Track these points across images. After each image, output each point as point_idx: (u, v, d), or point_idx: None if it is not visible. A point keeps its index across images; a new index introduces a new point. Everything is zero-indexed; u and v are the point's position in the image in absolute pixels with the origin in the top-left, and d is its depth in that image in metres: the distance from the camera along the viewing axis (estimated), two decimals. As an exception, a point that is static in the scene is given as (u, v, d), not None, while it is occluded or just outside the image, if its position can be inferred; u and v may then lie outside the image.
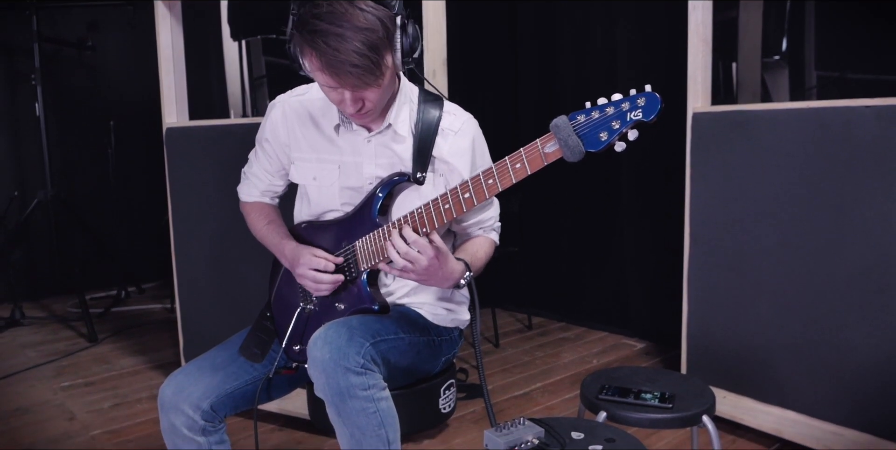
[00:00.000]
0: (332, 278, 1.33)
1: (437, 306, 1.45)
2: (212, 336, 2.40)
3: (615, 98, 1.08)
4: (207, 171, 2.33)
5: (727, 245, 2.11)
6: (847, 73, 2.88)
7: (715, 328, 2.17)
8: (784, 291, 1.98)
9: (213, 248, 2.36)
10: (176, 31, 2.42)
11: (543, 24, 3.35)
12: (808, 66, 2.89)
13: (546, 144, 1.12)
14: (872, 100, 1.78)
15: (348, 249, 1.35)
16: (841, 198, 1.85)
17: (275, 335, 1.46)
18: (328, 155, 1.39)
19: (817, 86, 2.92)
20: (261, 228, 1.50)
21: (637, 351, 2.88)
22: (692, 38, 2.15)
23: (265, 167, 1.49)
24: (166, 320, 3.44)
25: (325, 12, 1.14)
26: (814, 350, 1.92)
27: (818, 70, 2.86)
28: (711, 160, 2.12)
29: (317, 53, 1.15)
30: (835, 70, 2.93)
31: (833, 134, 1.85)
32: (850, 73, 2.86)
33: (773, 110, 2.01)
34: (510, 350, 2.92)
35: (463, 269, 1.30)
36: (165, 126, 2.40)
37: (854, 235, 1.82)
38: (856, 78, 2.85)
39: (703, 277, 2.19)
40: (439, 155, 1.35)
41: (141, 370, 2.78)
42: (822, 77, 2.86)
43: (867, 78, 2.81)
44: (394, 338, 1.30)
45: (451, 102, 1.42)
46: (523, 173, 1.15)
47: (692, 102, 2.17)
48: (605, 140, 1.07)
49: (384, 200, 1.33)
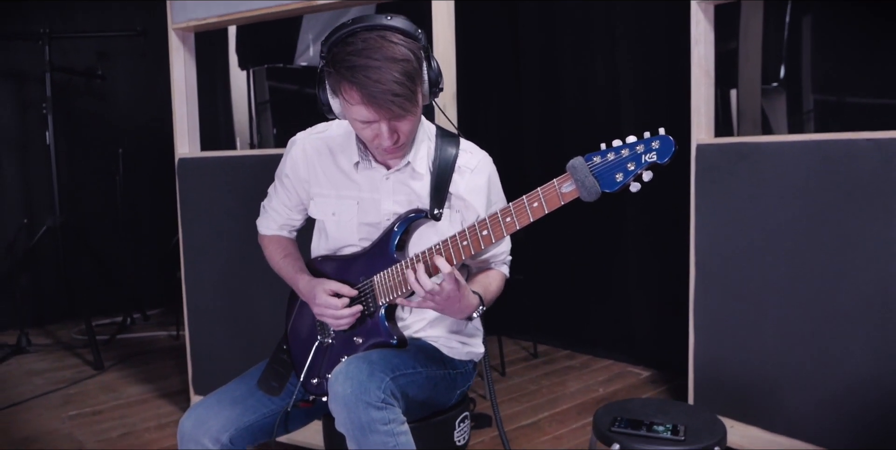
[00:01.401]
0: (351, 312, 1.35)
1: (452, 340, 1.48)
2: (221, 366, 2.42)
3: (630, 140, 1.12)
4: (219, 201, 2.36)
5: (732, 275, 2.14)
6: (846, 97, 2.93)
7: (721, 358, 2.18)
8: (789, 322, 2.00)
9: (224, 277, 2.38)
10: (189, 64, 2.47)
11: (546, 56, 3.41)
12: (806, 90, 2.95)
13: (563, 183, 1.16)
14: (873, 133, 1.83)
15: (366, 283, 1.38)
16: (844, 230, 1.88)
17: (292, 368, 1.48)
18: (347, 191, 1.42)
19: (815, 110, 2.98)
20: (278, 262, 1.53)
21: (643, 379, 2.89)
22: (695, 71, 2.21)
23: (284, 202, 1.53)
24: (172, 348, 3.44)
25: (360, 48, 1.19)
26: (819, 380, 1.94)
27: (816, 94, 2.92)
28: (715, 191, 2.16)
29: (357, 87, 1.19)
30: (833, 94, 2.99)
31: (835, 166, 1.89)
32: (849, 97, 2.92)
33: (775, 142, 2.05)
34: (517, 379, 2.93)
35: (477, 303, 1.34)
36: (178, 157, 2.44)
37: (857, 266, 1.85)
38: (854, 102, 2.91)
39: (708, 307, 2.21)
40: (456, 192, 1.39)
41: (148, 399, 2.78)
42: (820, 101, 2.92)
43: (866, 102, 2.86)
44: (412, 372, 1.32)
45: (467, 140, 1.46)
46: (540, 212, 1.18)
47: (696, 134, 2.21)
48: (621, 181, 1.11)
49: (401, 235, 1.37)
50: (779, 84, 3.03)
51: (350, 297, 1.37)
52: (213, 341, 2.44)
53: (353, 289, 1.38)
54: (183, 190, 2.44)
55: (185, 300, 2.48)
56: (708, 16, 2.17)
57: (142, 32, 3.36)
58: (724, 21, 2.28)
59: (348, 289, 1.37)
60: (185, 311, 2.48)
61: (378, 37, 1.19)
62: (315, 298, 1.38)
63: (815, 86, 2.91)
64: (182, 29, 2.40)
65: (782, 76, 3.01)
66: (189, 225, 2.45)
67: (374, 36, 1.19)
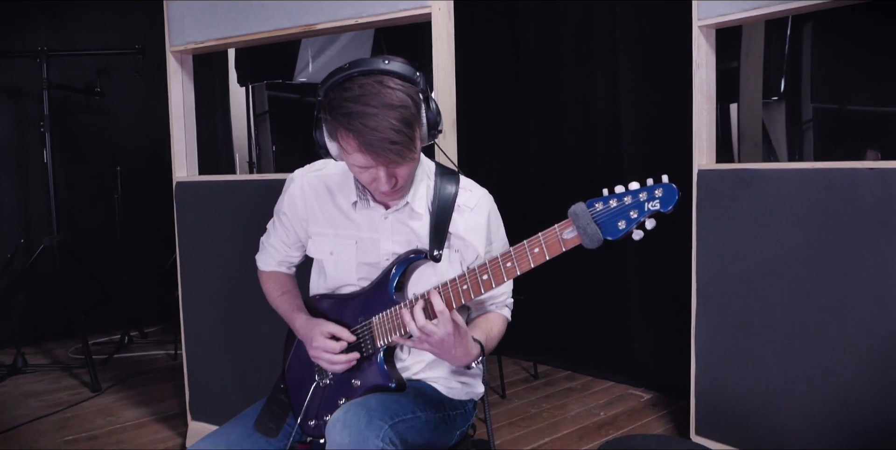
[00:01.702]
0: (347, 358, 1.33)
1: (452, 380, 1.46)
2: (218, 390, 2.40)
3: (633, 187, 1.10)
4: (217, 225, 2.35)
5: (735, 302, 2.12)
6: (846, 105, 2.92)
7: (723, 385, 2.16)
8: (791, 350, 1.99)
9: (221, 302, 2.36)
10: (187, 87, 2.45)
11: (548, 79, 3.40)
12: (805, 100, 2.94)
13: (564, 230, 1.14)
14: (877, 162, 1.82)
15: (365, 324, 1.36)
16: (847, 258, 1.86)
17: (289, 409, 1.46)
18: (345, 230, 1.41)
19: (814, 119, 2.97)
20: (276, 299, 1.52)
21: (644, 403, 2.87)
22: (696, 96, 2.19)
23: (282, 239, 1.51)
24: (170, 368, 3.42)
25: (356, 95, 1.17)
26: (822, 409, 1.92)
27: (815, 102, 2.91)
28: (717, 217, 2.14)
29: (354, 134, 1.17)
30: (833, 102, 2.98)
31: (838, 194, 1.88)
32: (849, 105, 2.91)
33: (778, 170, 2.04)
34: (517, 401, 2.90)
35: (478, 352, 1.31)
36: (175, 180, 2.42)
37: (860, 296, 1.84)
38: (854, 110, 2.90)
39: (710, 334, 2.19)
40: (455, 231, 1.37)
41: (145, 423, 2.75)
42: (820, 110, 2.90)
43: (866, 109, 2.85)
44: (411, 417, 1.30)
45: (467, 178, 1.44)
46: (542, 258, 1.16)
47: (697, 159, 2.19)
48: (624, 229, 1.09)
49: (400, 276, 1.34)
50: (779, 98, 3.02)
51: (348, 342, 1.35)
52: (210, 365, 2.42)
53: (351, 334, 1.35)
54: (181, 214, 2.43)
55: (182, 325, 2.46)
56: (710, 40, 2.16)
57: (140, 51, 3.34)
58: (724, 42, 2.26)
59: (347, 333, 1.35)
60: (183, 336, 2.46)
61: (375, 82, 1.17)
62: (312, 340, 1.35)
63: (815, 96, 2.90)
64: (180, 51, 2.39)
65: (783, 90, 3.00)
66: (187, 249, 2.43)
67: (371, 81, 1.17)
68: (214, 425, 2.40)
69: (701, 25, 2.12)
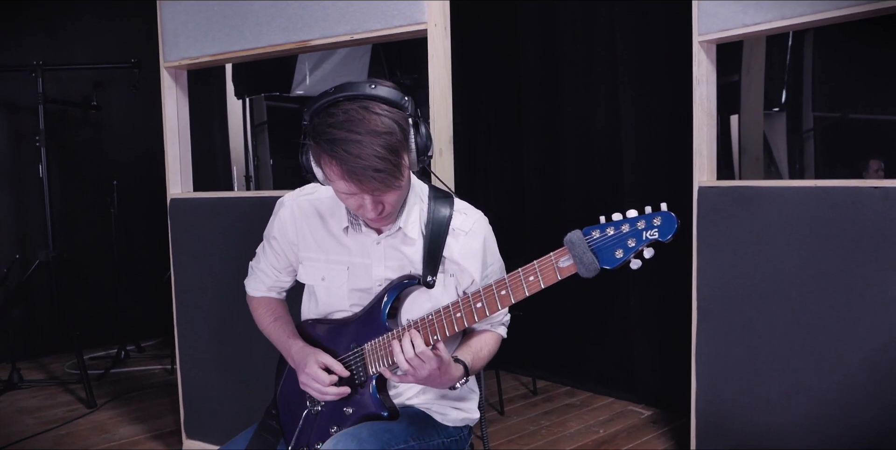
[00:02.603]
0: (337, 391, 1.31)
1: (445, 406, 1.43)
2: (213, 408, 2.37)
3: (630, 215, 1.07)
4: (211, 242, 2.32)
5: (735, 319, 2.09)
6: (848, 114, 2.90)
7: (724, 403, 2.13)
8: (792, 369, 1.96)
9: (216, 320, 2.33)
10: (182, 102, 2.44)
11: (547, 94, 3.38)
12: (806, 109, 2.92)
13: (560, 258, 1.11)
14: (881, 181, 1.79)
15: (357, 352, 1.33)
16: (849, 277, 1.84)
17: (281, 435, 1.43)
18: (337, 256, 1.38)
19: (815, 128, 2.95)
20: (267, 326, 1.49)
21: (644, 419, 2.83)
22: (697, 112, 2.16)
23: (273, 264, 1.48)
24: (166, 383, 3.38)
25: (341, 121, 1.14)
26: (823, 428, 1.89)
27: (817, 112, 2.89)
28: (718, 234, 2.11)
29: (337, 162, 1.14)
30: (835, 111, 2.96)
31: (841, 213, 1.85)
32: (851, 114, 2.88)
33: (779, 187, 2.01)
34: (516, 418, 2.86)
35: (462, 374, 1.29)
36: (170, 197, 2.40)
37: (863, 315, 1.81)
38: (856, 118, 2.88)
39: (711, 351, 2.16)
40: (450, 256, 1.34)
41: (140, 440, 2.72)
42: (822, 119, 2.88)
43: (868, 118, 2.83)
44: (404, 447, 1.27)
45: (461, 200, 1.41)
46: (537, 287, 1.14)
47: (697, 176, 2.16)
48: (621, 258, 1.07)
49: (393, 303, 1.32)
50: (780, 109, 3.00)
51: (340, 376, 1.32)
52: (205, 383, 2.39)
53: (345, 369, 1.32)
54: (175, 231, 2.40)
55: (176, 343, 2.43)
56: (710, 56, 2.13)
57: (136, 64, 3.33)
58: (725, 54, 2.24)
59: (341, 368, 1.32)
60: (178, 353, 2.44)
61: (360, 108, 1.15)
62: (305, 366, 1.33)
63: (817, 105, 2.88)
64: (174, 67, 2.37)
65: (784, 100, 2.98)
66: (181, 266, 2.41)
67: (357, 107, 1.15)
68: (209, 444, 2.37)
69: (702, 41, 2.09)
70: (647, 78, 2.95)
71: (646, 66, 2.95)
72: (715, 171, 2.20)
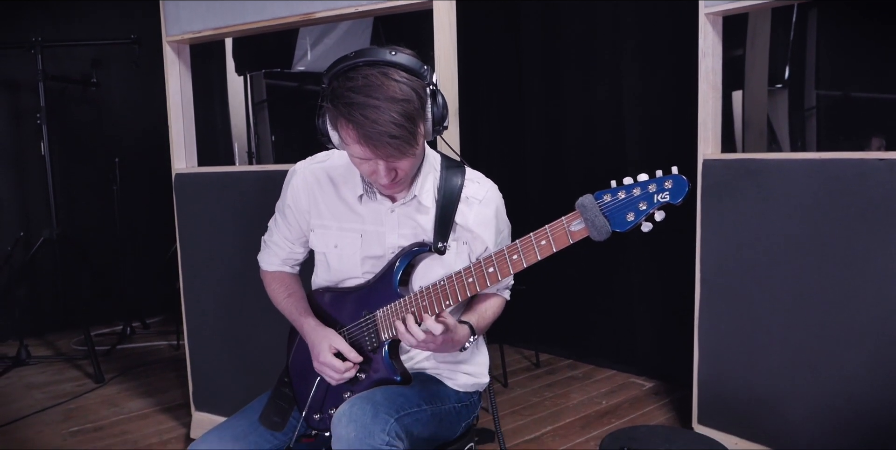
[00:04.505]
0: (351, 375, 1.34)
1: (456, 371, 1.45)
2: (221, 381, 2.40)
3: (641, 178, 1.08)
4: (217, 217, 2.33)
5: (738, 292, 2.11)
6: (850, 92, 2.90)
7: (725, 375, 2.16)
8: (794, 340, 1.98)
9: (223, 294, 2.35)
10: (185, 77, 2.42)
11: (549, 69, 3.36)
12: (809, 87, 2.91)
13: (572, 222, 1.13)
14: (886, 153, 1.80)
15: (369, 318, 1.35)
16: (852, 249, 1.85)
17: (294, 403, 1.45)
18: (350, 223, 1.39)
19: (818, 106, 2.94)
20: (281, 302, 1.50)
21: (646, 391, 2.87)
22: (702, 85, 2.17)
23: (285, 235, 1.49)
24: (172, 359, 3.42)
25: (360, 85, 1.15)
26: (824, 400, 1.92)
27: (820, 90, 2.88)
28: (722, 207, 2.13)
29: (354, 126, 1.15)
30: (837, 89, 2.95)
31: (845, 186, 1.86)
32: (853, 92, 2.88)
33: (784, 160, 2.02)
34: (519, 390, 2.90)
35: (468, 333, 1.32)
36: (174, 172, 2.40)
37: (865, 286, 1.83)
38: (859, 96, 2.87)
39: (713, 325, 2.18)
40: (463, 223, 1.35)
41: (149, 414, 2.75)
42: (824, 96, 2.88)
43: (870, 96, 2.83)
44: (417, 411, 1.29)
45: (473, 169, 1.42)
46: (548, 251, 1.15)
47: (702, 149, 2.17)
48: (633, 221, 1.08)
49: (405, 269, 1.33)
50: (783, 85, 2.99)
51: (354, 362, 1.33)
52: (213, 356, 2.41)
53: (358, 355, 1.34)
54: (180, 206, 2.41)
55: (184, 317, 2.45)
56: (716, 28, 2.13)
57: (136, 41, 3.31)
58: (729, 29, 2.23)
59: (355, 354, 1.33)
60: (185, 327, 2.45)
61: (380, 74, 1.15)
62: (318, 355, 1.35)
63: (819, 83, 2.88)
64: (177, 42, 2.36)
65: (787, 77, 2.97)
66: (187, 241, 2.42)
67: (376, 72, 1.15)
68: (218, 416, 2.40)
69: (707, 13, 2.09)
70: (651, 51, 2.94)
71: (650, 38, 2.94)
72: (720, 144, 2.20)
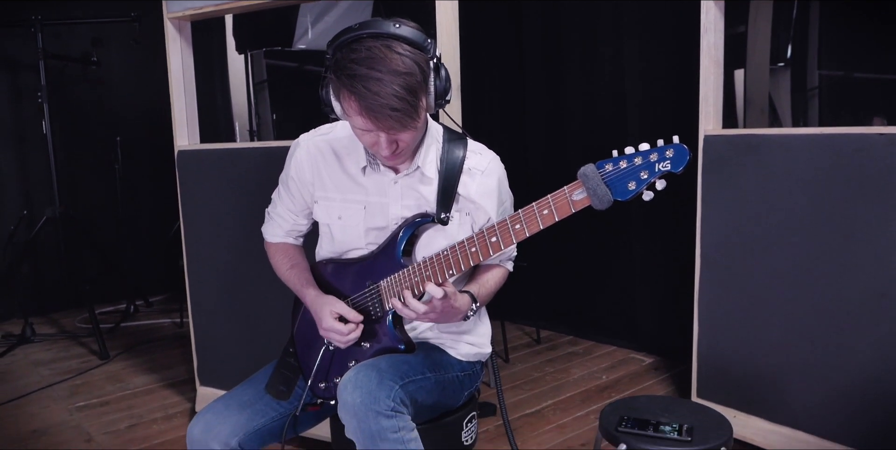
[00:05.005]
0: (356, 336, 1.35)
1: (459, 341, 1.47)
2: (226, 356, 2.43)
3: (643, 147, 1.09)
4: (219, 193, 2.34)
5: (738, 267, 2.13)
6: (852, 73, 2.89)
7: (725, 349, 2.19)
8: (794, 314, 2.00)
9: (226, 269, 2.37)
10: (186, 53, 2.42)
11: (551, 45, 3.35)
12: (811, 66, 2.91)
13: (574, 191, 1.14)
14: (886, 128, 1.80)
15: (373, 288, 1.37)
16: (852, 224, 1.86)
17: (299, 372, 1.47)
18: (353, 195, 1.40)
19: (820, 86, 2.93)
20: (284, 273, 1.52)
21: (646, 366, 2.90)
22: (704, 60, 2.16)
23: (289, 207, 1.50)
24: (176, 336, 3.45)
25: (363, 57, 1.16)
26: (823, 372, 1.94)
27: (822, 70, 2.88)
28: (722, 183, 2.14)
29: (356, 97, 1.16)
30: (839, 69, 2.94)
31: (845, 161, 1.87)
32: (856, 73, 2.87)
33: (785, 135, 2.02)
34: (519, 366, 2.94)
35: (469, 302, 1.34)
36: (177, 149, 2.41)
37: (864, 260, 1.84)
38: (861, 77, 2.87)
39: (713, 299, 2.21)
40: (466, 194, 1.37)
41: (154, 389, 2.79)
42: (827, 77, 2.87)
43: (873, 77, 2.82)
44: (421, 378, 1.32)
45: (475, 141, 1.43)
46: (551, 220, 1.16)
47: (703, 125, 2.18)
48: (634, 190, 1.09)
49: (408, 240, 1.35)
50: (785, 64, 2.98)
51: (355, 322, 1.35)
52: (217, 332, 2.44)
53: (358, 314, 1.36)
54: (183, 182, 2.42)
55: (188, 293, 2.47)
56: (718, 3, 2.12)
57: (136, 18, 3.29)
58: (732, 5, 2.23)
59: (354, 314, 1.35)
60: (189, 303, 2.48)
61: (383, 46, 1.16)
62: (321, 321, 1.36)
63: (822, 63, 2.86)
64: (178, 18, 2.35)
65: (789, 56, 2.96)
66: (190, 217, 2.43)
67: (380, 45, 1.16)
68: (223, 390, 2.43)
69: (710, -14, 2.08)
70: (653, 27, 2.93)
71: (652, 14, 2.93)
72: (721, 120, 2.21)
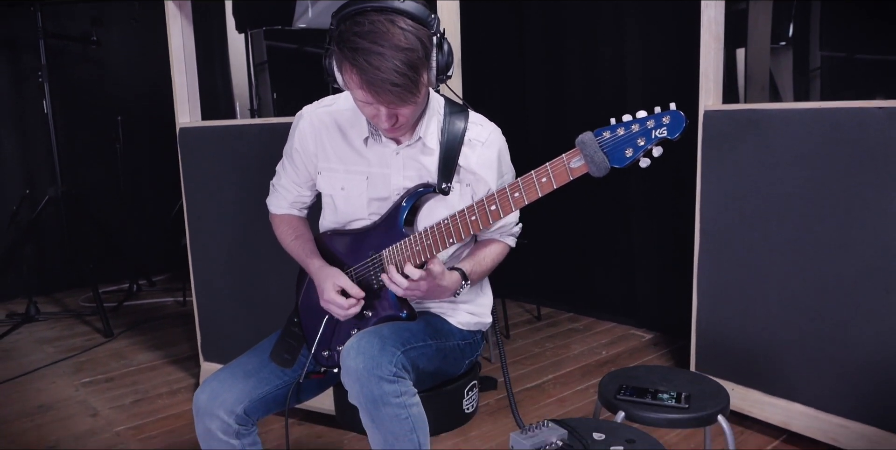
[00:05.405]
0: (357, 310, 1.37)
1: (460, 310, 1.49)
2: (229, 333, 2.46)
3: (640, 115, 1.11)
4: (221, 170, 2.36)
5: (737, 242, 2.15)
6: (854, 54, 2.88)
7: (724, 323, 2.21)
8: (792, 288, 2.02)
9: (229, 246, 2.39)
10: (187, 32, 2.42)
11: (551, 22, 3.34)
12: (813, 47, 2.90)
13: (572, 159, 1.15)
14: (886, 101, 1.81)
15: (375, 258, 1.38)
16: (851, 198, 1.88)
17: (303, 341, 1.50)
18: (356, 166, 1.42)
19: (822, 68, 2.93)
20: (289, 244, 1.53)
21: (645, 342, 2.94)
22: (704, 35, 2.16)
23: (293, 179, 1.52)
24: (179, 314, 3.49)
25: (366, 31, 1.16)
26: (820, 345, 1.97)
27: (824, 50, 2.87)
28: (722, 158, 2.15)
29: (357, 71, 1.17)
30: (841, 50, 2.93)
31: (845, 135, 1.87)
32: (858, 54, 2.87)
33: (785, 110, 2.03)
34: (520, 342, 2.97)
35: (458, 280, 1.36)
36: (179, 126, 2.42)
37: (863, 234, 1.86)
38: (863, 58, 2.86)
39: (712, 273, 2.23)
40: (466, 165, 1.38)
41: (158, 365, 2.83)
42: (828, 58, 2.86)
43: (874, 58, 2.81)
44: (422, 345, 1.34)
45: (476, 112, 1.44)
46: (549, 187, 1.18)
47: (703, 100, 2.18)
48: (631, 157, 1.10)
49: (410, 210, 1.36)
50: (786, 43, 2.97)
51: (357, 298, 1.36)
52: (220, 308, 2.47)
53: (360, 290, 1.37)
54: (185, 160, 2.43)
55: (191, 270, 2.49)
56: (718, -22, 2.12)
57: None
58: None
59: (357, 290, 1.36)
60: (192, 280, 2.50)
61: (387, 20, 1.16)
62: (323, 292, 1.38)
63: (823, 43, 2.85)
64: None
65: (791, 35, 2.95)
66: (193, 195, 2.45)
67: (383, 19, 1.16)
68: (227, 366, 2.47)
69: (710, -39, 2.08)
70: (654, 2, 2.92)
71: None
72: (721, 95, 2.21)
